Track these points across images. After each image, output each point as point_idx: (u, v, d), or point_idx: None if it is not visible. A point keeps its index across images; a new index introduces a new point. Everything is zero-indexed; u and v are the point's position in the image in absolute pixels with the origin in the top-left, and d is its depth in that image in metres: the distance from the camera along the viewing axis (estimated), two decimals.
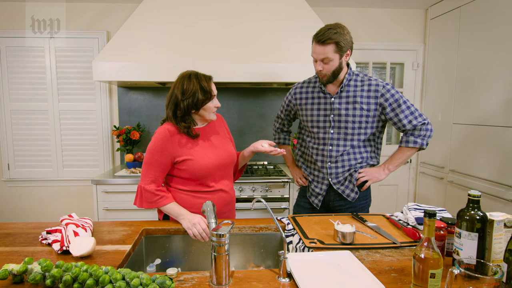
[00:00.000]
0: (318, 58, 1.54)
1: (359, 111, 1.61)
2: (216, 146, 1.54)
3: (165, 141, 1.43)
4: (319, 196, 1.75)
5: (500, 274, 0.77)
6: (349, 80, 1.64)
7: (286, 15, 2.66)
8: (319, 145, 1.70)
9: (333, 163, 1.68)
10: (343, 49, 1.53)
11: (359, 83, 1.64)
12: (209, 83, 1.46)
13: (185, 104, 1.42)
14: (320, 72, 1.58)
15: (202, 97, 1.43)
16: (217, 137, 1.58)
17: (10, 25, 2.93)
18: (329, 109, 1.66)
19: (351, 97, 1.62)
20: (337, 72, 1.58)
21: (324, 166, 1.70)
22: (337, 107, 1.63)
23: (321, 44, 1.51)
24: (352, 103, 1.62)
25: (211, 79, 1.49)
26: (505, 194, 2.25)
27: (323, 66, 1.55)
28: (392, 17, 3.18)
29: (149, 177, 1.43)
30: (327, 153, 1.68)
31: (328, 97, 1.66)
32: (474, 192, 1.01)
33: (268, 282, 0.98)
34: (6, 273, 0.92)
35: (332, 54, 1.51)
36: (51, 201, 3.14)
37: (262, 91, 3.13)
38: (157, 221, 1.50)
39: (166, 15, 2.61)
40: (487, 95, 2.42)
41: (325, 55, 1.52)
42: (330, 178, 1.70)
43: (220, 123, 1.66)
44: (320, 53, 1.53)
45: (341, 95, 1.64)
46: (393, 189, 3.37)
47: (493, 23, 2.38)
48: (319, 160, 1.71)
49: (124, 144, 2.92)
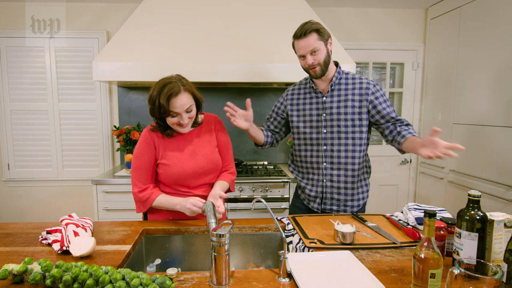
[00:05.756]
0: (306, 51, 1.55)
1: (351, 108, 1.62)
2: (196, 153, 1.50)
3: (146, 141, 1.47)
4: (317, 200, 1.74)
5: (500, 274, 0.77)
6: (339, 78, 1.65)
7: (286, 15, 2.66)
8: (313, 146, 1.70)
9: (328, 164, 1.68)
10: (324, 35, 1.55)
11: (350, 81, 1.65)
12: (169, 101, 1.33)
13: (149, 108, 1.42)
14: (312, 65, 1.57)
15: (159, 110, 1.37)
16: (200, 142, 1.54)
17: (10, 25, 2.93)
18: (321, 108, 1.66)
19: (342, 96, 1.64)
20: (327, 62, 1.59)
21: (320, 167, 1.70)
22: (329, 105, 1.64)
23: (304, 37, 1.53)
24: (344, 101, 1.63)
25: (175, 96, 1.33)
26: (505, 194, 2.25)
27: (314, 58, 1.56)
28: (392, 17, 3.18)
29: (138, 181, 1.46)
30: (322, 153, 1.68)
31: (320, 96, 1.67)
32: (474, 192, 1.01)
33: (268, 282, 0.98)
34: (6, 273, 0.92)
35: (317, 42, 1.53)
36: (51, 201, 3.14)
37: (262, 91, 3.13)
38: (157, 221, 1.50)
39: (166, 15, 2.61)
40: (487, 95, 2.42)
41: (312, 45, 1.53)
42: (324, 180, 1.70)
43: (208, 126, 1.58)
44: (305, 46, 1.54)
45: (332, 93, 1.65)
46: (393, 189, 3.37)
47: (493, 23, 2.38)
48: (314, 161, 1.71)
49: (124, 144, 2.92)
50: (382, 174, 3.31)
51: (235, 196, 2.53)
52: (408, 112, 3.30)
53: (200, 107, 1.49)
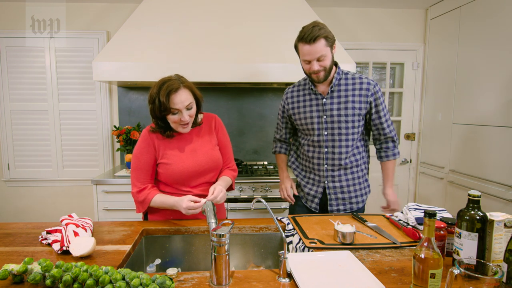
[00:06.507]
0: (313, 58, 1.51)
1: (351, 110, 1.61)
2: (196, 151, 1.51)
3: (145, 141, 1.47)
4: (315, 199, 1.74)
5: (500, 274, 0.77)
6: (339, 79, 1.64)
7: (286, 15, 2.66)
8: (315, 148, 1.70)
9: (330, 166, 1.68)
10: (331, 41, 1.53)
11: (350, 81, 1.64)
12: (169, 97, 1.34)
13: (149, 108, 1.42)
14: (318, 71, 1.54)
15: (159, 108, 1.37)
16: (200, 141, 1.54)
17: (10, 25, 2.93)
18: (321, 110, 1.65)
19: (342, 97, 1.62)
20: (331, 67, 1.58)
21: (321, 169, 1.70)
22: (329, 107, 1.63)
23: (312, 42, 1.48)
24: (344, 102, 1.62)
25: (174, 92, 1.35)
26: (505, 194, 2.25)
27: (320, 64, 1.52)
28: (392, 17, 3.18)
29: (137, 181, 1.47)
30: (323, 155, 1.68)
31: (320, 98, 1.66)
32: (474, 192, 1.01)
33: (268, 282, 0.98)
34: (6, 273, 0.92)
35: (324, 49, 1.50)
36: (51, 201, 3.14)
37: (262, 91, 3.13)
38: (157, 221, 1.50)
39: (166, 15, 2.61)
40: (487, 95, 2.42)
41: (320, 52, 1.50)
42: (326, 181, 1.70)
43: (208, 125, 1.59)
44: (313, 52, 1.50)
45: (332, 95, 1.64)
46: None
47: (493, 23, 2.38)
48: (315, 163, 1.71)
49: (124, 144, 2.92)
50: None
51: (235, 196, 2.53)
52: (408, 112, 3.30)
53: (200, 106, 1.50)
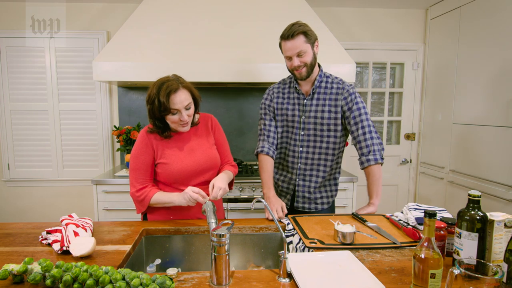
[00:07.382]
0: (293, 53, 1.55)
1: (327, 113, 1.64)
2: (194, 150, 1.51)
3: (143, 141, 1.47)
4: (287, 196, 1.79)
5: (500, 274, 0.77)
6: (320, 81, 1.66)
7: (286, 15, 2.66)
8: (290, 146, 1.73)
9: (303, 164, 1.71)
10: (311, 38, 1.56)
11: (329, 85, 1.66)
12: (169, 98, 1.35)
13: (148, 109, 1.42)
14: (298, 66, 1.57)
15: (159, 108, 1.37)
16: (198, 140, 1.55)
17: (10, 25, 2.93)
18: (301, 110, 1.68)
19: (321, 100, 1.65)
20: (313, 64, 1.59)
21: (295, 167, 1.73)
22: (309, 109, 1.66)
23: (291, 38, 1.53)
24: (322, 105, 1.65)
25: (174, 93, 1.35)
26: (505, 194, 2.25)
27: (300, 60, 1.56)
28: (392, 17, 3.18)
29: (135, 181, 1.47)
30: (298, 154, 1.70)
31: (302, 98, 1.68)
32: (474, 192, 1.01)
33: (268, 282, 0.98)
34: (6, 273, 0.92)
35: (304, 45, 1.53)
36: (51, 201, 3.14)
37: (262, 91, 3.13)
38: (157, 221, 1.50)
39: (166, 15, 2.61)
40: (487, 95, 2.42)
41: (299, 47, 1.53)
42: (297, 179, 1.73)
43: (205, 125, 1.61)
44: (293, 47, 1.54)
45: (313, 96, 1.66)
46: (393, 189, 3.37)
47: (493, 23, 2.38)
48: (289, 161, 1.74)
49: (124, 144, 2.91)
50: (382, 173, 3.30)
51: (235, 196, 2.53)
52: (408, 112, 3.30)
53: (198, 106, 1.51)
